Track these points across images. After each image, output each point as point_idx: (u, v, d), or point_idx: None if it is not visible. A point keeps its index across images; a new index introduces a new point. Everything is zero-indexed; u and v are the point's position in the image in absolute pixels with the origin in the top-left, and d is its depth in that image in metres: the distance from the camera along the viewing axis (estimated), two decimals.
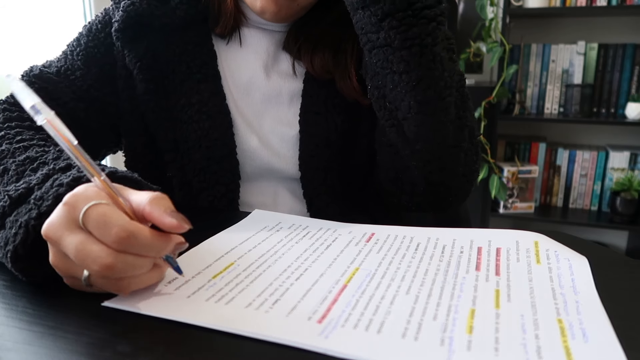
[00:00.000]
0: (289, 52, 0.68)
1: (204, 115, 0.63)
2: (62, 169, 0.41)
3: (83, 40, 0.66)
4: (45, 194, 0.38)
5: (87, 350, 0.30)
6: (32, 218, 0.37)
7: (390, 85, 0.55)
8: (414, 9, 0.51)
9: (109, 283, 0.34)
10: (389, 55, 0.53)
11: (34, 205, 0.38)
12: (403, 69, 0.53)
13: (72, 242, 0.33)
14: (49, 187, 0.39)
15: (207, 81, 0.64)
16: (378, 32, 0.53)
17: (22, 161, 0.45)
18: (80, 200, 0.34)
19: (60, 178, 0.39)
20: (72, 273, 0.35)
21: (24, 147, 0.48)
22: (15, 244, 0.36)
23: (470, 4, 2.04)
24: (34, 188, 0.39)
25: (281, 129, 0.66)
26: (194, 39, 0.65)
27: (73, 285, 0.37)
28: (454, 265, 0.42)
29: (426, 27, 0.52)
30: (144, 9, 0.62)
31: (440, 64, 0.53)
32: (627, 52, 2.01)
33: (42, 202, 0.37)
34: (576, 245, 0.47)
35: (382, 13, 0.52)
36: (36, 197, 0.38)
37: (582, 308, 0.35)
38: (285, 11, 0.61)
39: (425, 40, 0.52)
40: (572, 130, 2.22)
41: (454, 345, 0.30)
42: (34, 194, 0.39)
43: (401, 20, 0.51)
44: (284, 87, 0.67)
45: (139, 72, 0.63)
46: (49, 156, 0.45)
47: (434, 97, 0.54)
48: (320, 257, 0.44)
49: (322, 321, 0.33)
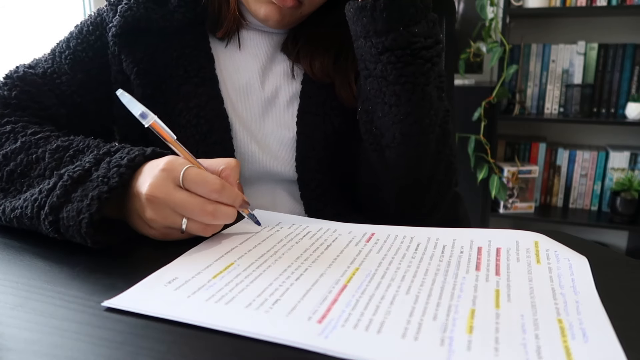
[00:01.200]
0: (287, 55, 0.67)
1: (202, 120, 0.62)
2: (106, 153, 0.48)
3: (72, 42, 0.65)
4: (107, 173, 0.45)
5: (87, 350, 0.30)
6: (104, 192, 0.43)
7: (379, 113, 0.57)
8: (413, 48, 0.54)
9: (201, 227, 0.45)
10: (382, 86, 0.56)
11: (101, 182, 0.44)
12: (394, 102, 0.55)
13: (180, 196, 0.44)
14: (107, 169, 0.46)
15: (205, 85, 0.64)
16: (376, 63, 0.55)
17: (54, 149, 0.50)
18: (177, 165, 0.45)
19: (113, 161, 0.46)
20: (170, 223, 0.45)
21: (45, 137, 0.53)
22: (91, 212, 0.43)
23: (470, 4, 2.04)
24: (91, 169, 0.46)
25: (279, 132, 0.66)
26: (191, 42, 0.64)
27: (163, 235, 0.46)
28: (454, 265, 0.42)
29: (421, 67, 0.54)
30: (142, 13, 0.61)
31: (428, 102, 0.56)
32: (627, 52, 2.01)
33: (109, 180, 0.44)
34: (576, 245, 0.47)
35: (383, 47, 0.54)
36: (98, 176, 0.45)
37: (582, 308, 0.35)
38: (288, 19, 0.61)
39: (419, 79, 0.55)
40: (572, 130, 2.22)
41: (454, 345, 0.30)
42: (94, 174, 0.46)
43: (399, 57, 0.54)
44: (281, 89, 0.67)
45: (136, 77, 0.63)
46: (80, 144, 0.51)
47: (417, 131, 0.57)
48: (320, 257, 0.44)
49: (322, 321, 0.33)
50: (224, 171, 0.47)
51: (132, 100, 0.48)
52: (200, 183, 0.44)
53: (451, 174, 0.64)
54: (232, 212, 0.46)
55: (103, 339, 0.31)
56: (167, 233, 0.46)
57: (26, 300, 0.36)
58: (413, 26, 0.53)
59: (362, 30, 0.55)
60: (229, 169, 0.47)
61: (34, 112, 0.60)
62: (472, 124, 1.97)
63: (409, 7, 0.53)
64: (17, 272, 0.41)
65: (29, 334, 0.32)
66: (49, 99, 0.62)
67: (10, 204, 0.48)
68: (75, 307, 0.35)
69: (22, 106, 0.60)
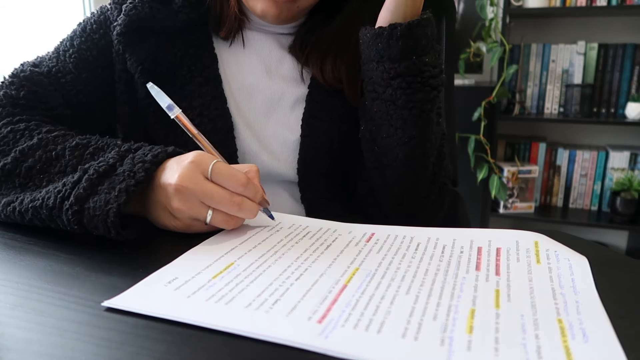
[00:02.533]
0: (296, 58, 0.67)
1: (205, 119, 0.63)
2: (127, 150, 0.50)
3: (76, 41, 0.65)
4: (133, 168, 0.47)
5: (87, 350, 0.30)
6: (131, 185, 0.45)
7: (384, 134, 0.60)
8: (422, 76, 0.57)
9: (225, 219, 0.47)
10: (390, 110, 0.59)
11: (127, 177, 0.46)
12: (400, 125, 0.59)
13: (209, 187, 0.46)
14: (132, 164, 0.47)
15: (209, 84, 0.64)
16: (386, 87, 0.58)
17: (74, 147, 0.51)
18: (206, 158, 0.47)
19: (137, 157, 0.48)
20: (196, 214, 0.46)
21: (62, 135, 0.54)
22: (119, 203, 0.44)
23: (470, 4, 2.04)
24: (116, 165, 0.48)
25: (282, 133, 0.66)
26: (195, 42, 0.65)
27: (187, 227, 0.48)
28: (454, 265, 0.42)
29: (429, 94, 0.58)
30: (146, 12, 0.62)
31: (431, 127, 0.60)
32: (627, 52, 2.01)
33: (135, 174, 0.46)
34: (576, 245, 0.47)
35: (395, 73, 0.57)
36: (124, 171, 0.47)
37: (582, 308, 0.35)
38: (286, 13, 0.61)
39: (425, 106, 0.58)
40: (572, 130, 2.22)
41: (454, 345, 0.30)
42: (119, 169, 0.47)
43: (409, 84, 0.57)
44: (287, 91, 0.67)
45: (140, 76, 0.63)
46: (98, 142, 0.52)
47: (420, 154, 0.60)
48: (320, 257, 0.44)
49: (322, 321, 0.33)
50: (249, 172, 0.50)
51: (160, 92, 0.52)
52: (228, 176, 0.47)
53: (445, 194, 0.67)
54: (255, 207, 0.48)
55: (103, 339, 0.31)
56: (191, 225, 0.48)
57: (26, 300, 0.36)
58: (424, 56, 0.57)
59: (376, 55, 0.58)
60: (253, 172, 0.50)
61: (41, 112, 0.61)
62: (472, 124, 1.97)
63: (422, 38, 0.56)
64: (17, 272, 0.41)
65: (28, 334, 0.32)
66: (55, 100, 0.63)
67: (31, 195, 0.49)
68: (75, 307, 0.35)
69: (30, 106, 0.60)
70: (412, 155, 0.60)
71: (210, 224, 0.47)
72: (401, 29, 0.55)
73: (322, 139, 0.65)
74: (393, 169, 0.61)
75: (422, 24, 0.56)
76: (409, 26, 0.55)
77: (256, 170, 0.51)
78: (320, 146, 0.65)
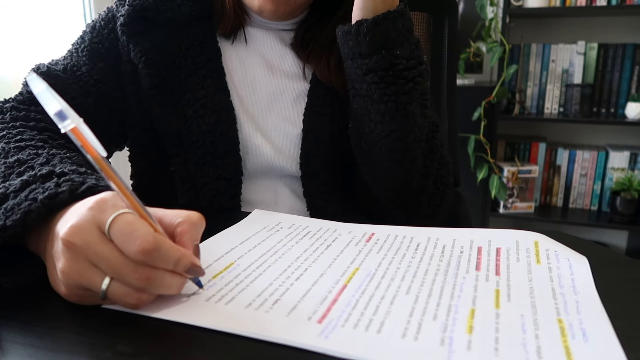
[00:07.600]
0: (298, 56, 0.68)
1: (208, 111, 0.63)
2: (43, 177, 0.41)
3: (87, 37, 0.66)
4: (16, 206, 0.38)
5: (87, 350, 0.30)
6: None
7: (366, 129, 0.60)
8: (395, 69, 0.57)
9: (129, 294, 0.33)
10: (368, 104, 0.59)
11: (2, 216, 0.38)
12: (379, 119, 0.59)
13: (103, 249, 0.32)
14: (22, 199, 0.39)
15: (212, 77, 0.64)
16: (362, 83, 0.59)
17: (11, 163, 0.44)
18: (109, 206, 0.34)
19: (37, 190, 0.39)
20: (86, 282, 0.33)
21: (19, 147, 0.48)
22: None
23: (470, 4, 2.04)
24: (9, 196, 0.39)
25: (285, 127, 0.66)
26: (200, 35, 0.65)
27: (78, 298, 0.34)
28: (454, 265, 0.42)
29: (403, 87, 0.58)
30: (150, 3, 0.63)
31: (412, 120, 0.59)
32: (627, 52, 2.01)
33: (11, 214, 0.38)
34: (576, 245, 0.47)
35: (367, 68, 0.57)
36: (7, 208, 0.38)
37: (582, 308, 0.35)
38: (283, 9, 0.61)
39: (401, 98, 0.58)
40: (572, 130, 2.21)
41: (454, 345, 0.30)
42: (7, 202, 0.39)
43: (382, 78, 0.57)
44: (288, 85, 0.67)
45: (144, 67, 0.63)
46: (38, 160, 0.45)
47: (402, 147, 0.60)
48: (320, 257, 0.44)
49: (322, 321, 0.33)
50: (180, 225, 0.36)
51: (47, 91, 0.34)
52: (126, 235, 0.32)
53: (443, 187, 0.66)
54: (175, 282, 0.34)
55: (103, 339, 0.31)
56: (82, 296, 0.34)
57: (25, 301, 0.36)
58: (395, 49, 0.57)
59: (349, 52, 0.58)
60: (188, 224, 0.36)
61: None
62: (472, 124, 1.97)
63: (390, 32, 0.56)
64: (17, 271, 0.41)
65: (29, 334, 0.32)
66: (74, 90, 0.63)
67: None
68: (74, 307, 0.35)
69: None
70: (394, 149, 0.60)
71: (109, 298, 0.33)
72: (367, 24, 0.56)
73: (324, 133, 0.65)
74: (380, 163, 0.61)
75: (389, 17, 0.56)
76: (374, 22, 0.55)
77: (194, 221, 0.36)
78: (322, 140, 0.65)
